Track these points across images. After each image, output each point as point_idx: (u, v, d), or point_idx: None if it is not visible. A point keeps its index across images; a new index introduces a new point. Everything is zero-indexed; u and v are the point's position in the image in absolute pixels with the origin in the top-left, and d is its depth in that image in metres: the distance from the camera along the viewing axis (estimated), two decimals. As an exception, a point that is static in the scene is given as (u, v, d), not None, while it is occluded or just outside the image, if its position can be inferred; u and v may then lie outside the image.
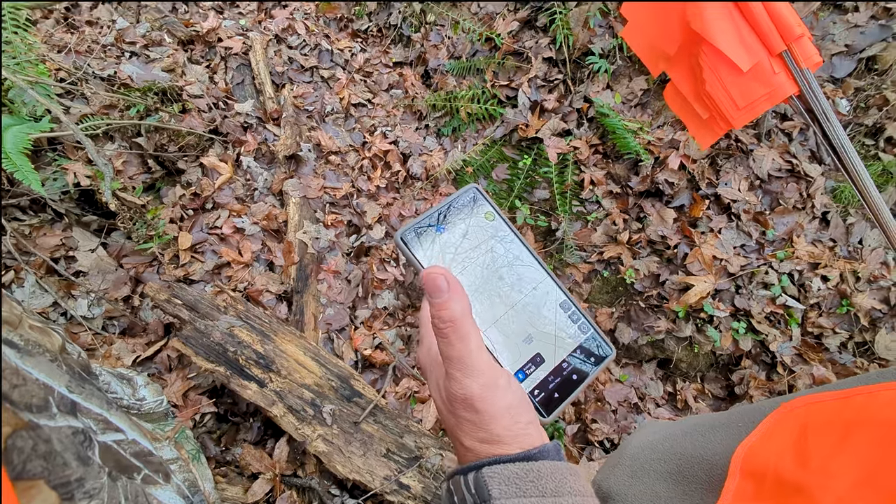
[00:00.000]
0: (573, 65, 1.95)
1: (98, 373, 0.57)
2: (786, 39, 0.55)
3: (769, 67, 0.56)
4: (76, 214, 1.56)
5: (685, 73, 0.65)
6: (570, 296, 0.43)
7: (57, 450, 0.43)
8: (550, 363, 0.40)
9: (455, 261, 0.41)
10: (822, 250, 1.72)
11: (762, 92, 0.57)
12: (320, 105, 2.12)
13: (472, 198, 0.43)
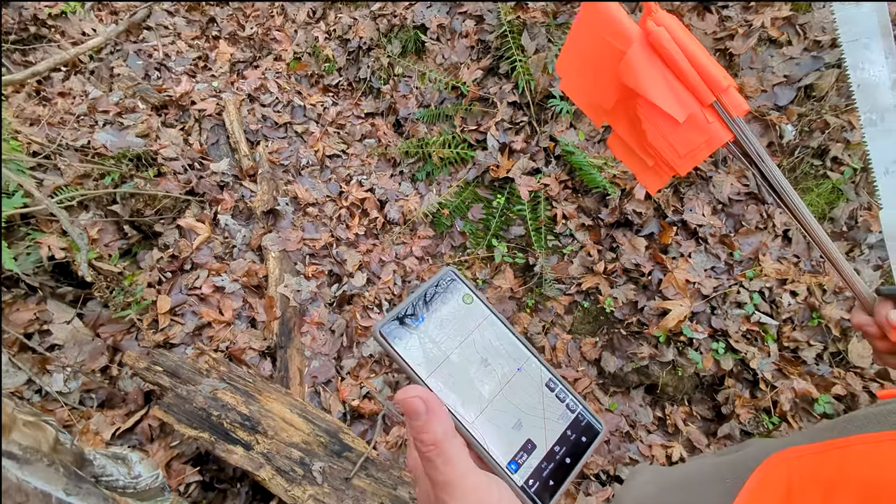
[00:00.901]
0: (536, 107, 2.05)
1: (92, 458, 0.56)
2: (714, 91, 0.58)
3: (703, 118, 0.59)
4: (50, 287, 1.54)
5: (626, 124, 0.67)
6: (554, 373, 0.42)
7: None
8: (542, 448, 0.39)
9: (437, 351, 0.40)
10: (788, 267, 1.80)
11: (700, 140, 0.60)
12: (295, 159, 2.16)
13: (448, 281, 0.42)
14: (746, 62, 1.91)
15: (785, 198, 0.60)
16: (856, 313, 0.60)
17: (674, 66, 0.60)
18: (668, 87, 0.61)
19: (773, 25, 1.90)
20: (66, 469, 0.61)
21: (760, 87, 1.89)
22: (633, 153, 0.71)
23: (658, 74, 0.61)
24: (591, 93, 0.71)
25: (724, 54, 1.94)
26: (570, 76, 0.74)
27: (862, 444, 0.37)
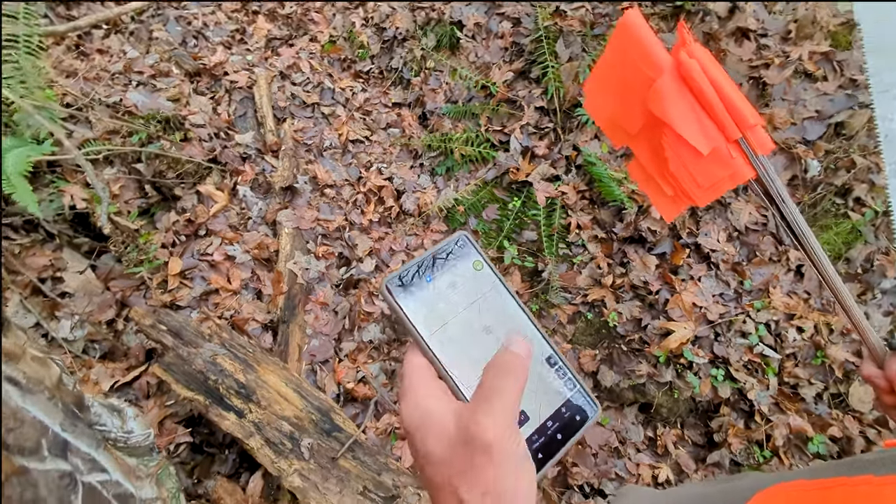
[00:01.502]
0: (563, 115, 2.05)
1: (90, 404, 0.58)
2: (741, 128, 0.58)
3: (727, 152, 0.59)
4: (68, 236, 1.57)
5: (648, 151, 0.67)
6: (556, 349, 0.42)
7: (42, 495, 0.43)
8: (535, 421, 0.39)
9: (442, 312, 0.40)
10: (797, 302, 1.78)
11: (723, 174, 0.60)
12: (319, 140, 2.19)
13: (460, 245, 0.42)
14: (779, 93, 1.90)
15: (803, 240, 0.60)
16: (866, 364, 0.60)
17: (702, 98, 0.60)
18: (695, 119, 0.60)
19: (810, 59, 1.89)
20: (65, 407, 0.63)
21: (790, 119, 1.87)
22: (653, 179, 0.71)
23: (686, 106, 0.60)
24: (616, 115, 0.71)
25: (758, 83, 1.93)
26: (596, 96, 0.73)
27: (868, 484, 0.37)
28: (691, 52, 0.60)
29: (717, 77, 0.60)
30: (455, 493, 0.33)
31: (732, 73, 1.96)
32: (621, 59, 0.66)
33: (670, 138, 0.62)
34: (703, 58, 0.60)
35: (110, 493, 0.50)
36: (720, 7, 2.01)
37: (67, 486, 0.44)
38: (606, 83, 0.72)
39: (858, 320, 0.59)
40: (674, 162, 0.63)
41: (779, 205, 0.59)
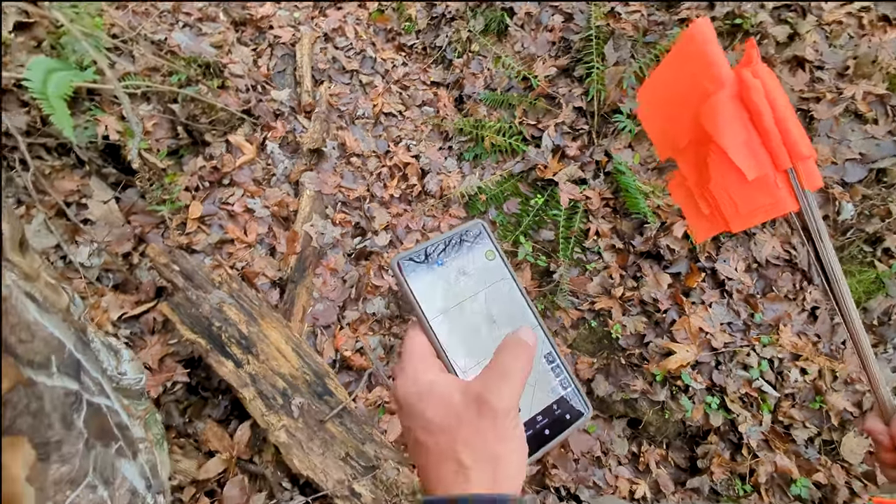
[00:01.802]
0: (600, 119, 2.02)
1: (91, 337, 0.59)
2: (792, 158, 0.56)
3: (773, 181, 0.57)
4: (98, 165, 1.60)
5: (692, 166, 0.66)
6: (556, 348, 0.42)
7: (46, 409, 0.44)
8: (525, 414, 0.39)
9: (448, 296, 0.40)
10: (806, 343, 1.75)
11: (764, 203, 0.58)
12: (353, 107, 2.18)
13: (476, 233, 0.42)
14: (825, 129, 1.84)
15: (833, 283, 0.58)
16: (871, 419, 0.59)
17: (759, 122, 0.57)
18: (747, 142, 0.58)
19: (863, 99, 1.83)
20: (75, 331, 0.64)
21: (832, 158, 1.82)
22: (692, 197, 0.69)
23: (740, 126, 0.58)
24: (667, 126, 0.69)
25: (805, 115, 1.87)
26: (651, 104, 0.71)
27: None
28: (756, 72, 0.57)
29: (779, 102, 0.57)
30: (456, 459, 0.34)
31: (781, 102, 1.90)
32: (682, 67, 0.64)
33: (717, 157, 0.60)
34: (768, 80, 0.57)
35: (112, 421, 0.51)
36: (780, 32, 1.95)
37: (72, 404, 0.45)
38: (662, 90, 0.70)
39: (874, 372, 0.58)
40: (716, 182, 0.61)
41: (816, 243, 0.58)
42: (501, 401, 0.34)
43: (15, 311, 0.52)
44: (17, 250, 0.63)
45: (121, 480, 0.48)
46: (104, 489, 0.45)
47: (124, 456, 0.52)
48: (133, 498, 0.50)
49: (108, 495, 0.45)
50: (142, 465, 0.55)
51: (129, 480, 0.50)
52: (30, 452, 0.44)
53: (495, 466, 0.34)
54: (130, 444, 0.53)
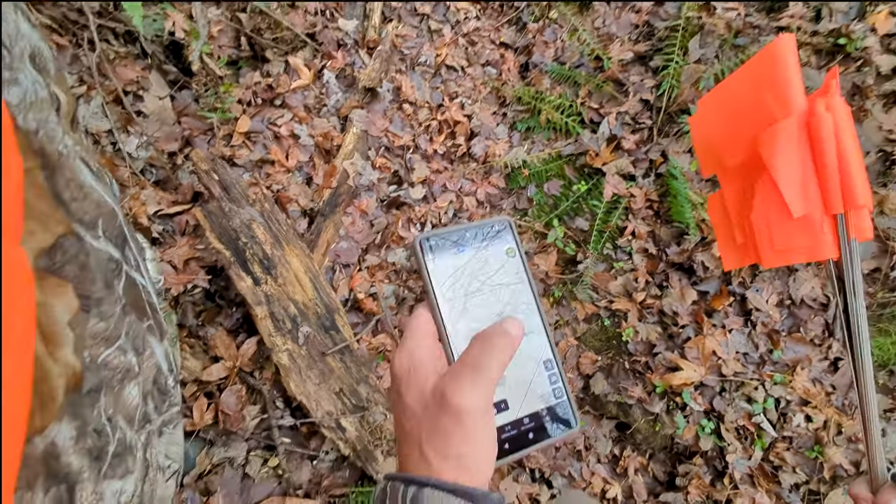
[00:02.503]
0: (666, 116, 1.92)
1: None
2: (846, 204, 0.52)
3: (819, 224, 0.54)
4: (160, 60, 1.62)
5: (736, 190, 0.62)
6: (557, 356, 0.43)
7: (91, 266, 0.46)
8: (513, 413, 0.40)
9: (462, 284, 0.41)
10: (819, 391, 1.70)
11: (803, 244, 0.55)
12: (416, 53, 2.12)
13: (501, 229, 0.43)
14: (906, 178, 1.72)
15: (855, 339, 0.54)
16: (859, 483, 0.58)
17: (820, 159, 0.53)
18: (801, 178, 0.55)
19: (958, 155, 1.68)
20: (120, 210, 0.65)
21: (904, 210, 1.70)
22: (728, 222, 0.66)
23: (798, 160, 0.55)
24: (720, 142, 0.65)
25: (887, 158, 1.74)
26: (710, 114, 0.67)
27: None
28: (831, 105, 0.53)
29: (847, 141, 0.53)
30: (420, 447, 0.34)
31: (864, 139, 1.77)
32: (754, 84, 0.60)
33: (765, 187, 0.57)
34: (841, 115, 0.53)
35: (145, 299, 0.54)
36: (885, 62, 1.78)
37: (113, 270, 0.47)
38: (726, 103, 0.66)
39: (873, 437, 0.57)
40: (758, 212, 0.58)
41: (848, 295, 0.54)
42: (466, 400, 0.33)
43: (70, 169, 0.53)
44: (69, 126, 0.64)
45: (149, 353, 0.51)
46: (133, 356, 0.47)
47: (153, 334, 0.54)
48: (158, 374, 0.53)
49: (136, 362, 0.48)
50: (166, 349, 0.58)
51: (157, 357, 0.53)
52: (73, 299, 0.47)
53: (458, 463, 0.33)
54: (159, 326, 0.56)
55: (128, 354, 0.45)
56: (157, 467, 0.50)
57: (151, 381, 0.51)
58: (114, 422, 0.42)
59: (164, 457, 0.54)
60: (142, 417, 0.48)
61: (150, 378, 0.50)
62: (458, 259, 0.41)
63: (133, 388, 0.46)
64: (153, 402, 0.51)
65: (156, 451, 0.51)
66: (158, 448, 0.53)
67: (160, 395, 0.53)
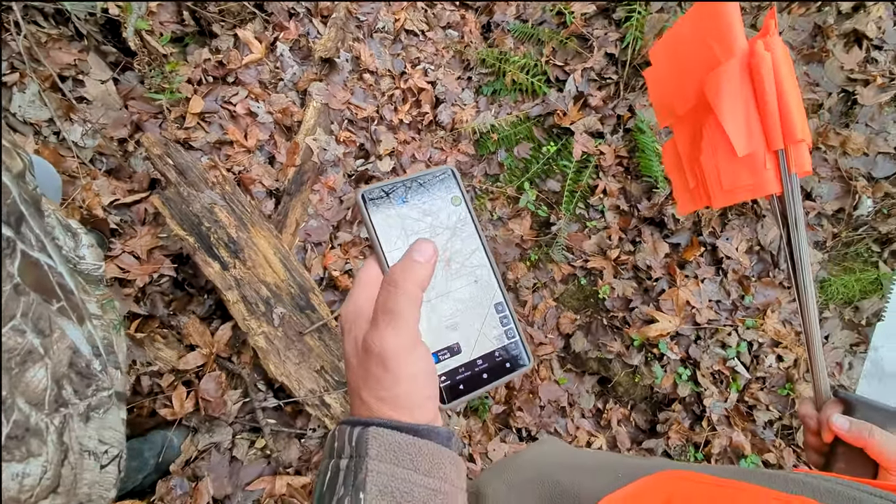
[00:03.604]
0: (631, 69, 1.90)
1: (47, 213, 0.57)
2: (786, 140, 0.55)
3: (762, 161, 0.56)
4: (97, 41, 1.52)
5: (687, 136, 0.64)
6: (507, 299, 0.44)
7: None
8: (466, 356, 0.41)
9: (407, 234, 0.41)
10: (789, 332, 1.76)
11: (748, 181, 0.57)
12: (373, 18, 2.04)
13: (443, 178, 0.43)
14: (866, 117, 1.73)
15: (799, 271, 0.58)
16: (806, 404, 0.62)
17: (761, 97, 0.56)
18: (744, 118, 0.57)
19: (916, 90, 1.70)
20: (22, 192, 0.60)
21: (864, 149, 1.73)
22: (681, 167, 0.69)
23: (741, 100, 0.57)
24: (670, 91, 0.67)
25: (848, 98, 1.75)
26: (660, 66, 0.69)
27: (752, 493, 0.38)
28: (769, 45, 0.55)
29: (785, 78, 0.55)
30: (359, 394, 0.35)
31: (826, 80, 1.78)
32: (698, 30, 0.61)
33: (712, 128, 0.59)
34: (780, 54, 0.55)
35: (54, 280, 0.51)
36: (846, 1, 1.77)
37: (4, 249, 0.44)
38: (673, 52, 0.67)
39: (816, 359, 0.60)
40: (707, 154, 0.61)
41: (791, 229, 0.57)
42: (385, 343, 0.34)
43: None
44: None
45: (59, 335, 0.49)
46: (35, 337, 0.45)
47: (67, 316, 0.52)
48: (75, 356, 0.51)
49: (40, 344, 0.46)
50: (91, 334, 0.56)
51: (71, 339, 0.51)
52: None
53: (395, 403, 0.34)
54: (75, 309, 0.53)
55: (27, 335, 0.43)
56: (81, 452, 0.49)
57: (66, 365, 0.49)
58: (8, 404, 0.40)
59: (96, 442, 0.53)
60: (54, 401, 0.46)
61: (64, 361, 0.48)
62: (402, 210, 0.41)
63: (39, 370, 0.45)
64: (71, 386, 0.49)
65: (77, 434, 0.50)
66: (86, 433, 0.51)
67: (81, 379, 0.51)
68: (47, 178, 1.11)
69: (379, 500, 0.31)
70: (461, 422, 1.65)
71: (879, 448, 0.51)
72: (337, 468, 0.33)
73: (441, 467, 0.33)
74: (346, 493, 0.31)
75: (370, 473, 0.31)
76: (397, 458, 0.32)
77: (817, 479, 0.41)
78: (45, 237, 0.51)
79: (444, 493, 0.33)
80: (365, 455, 0.32)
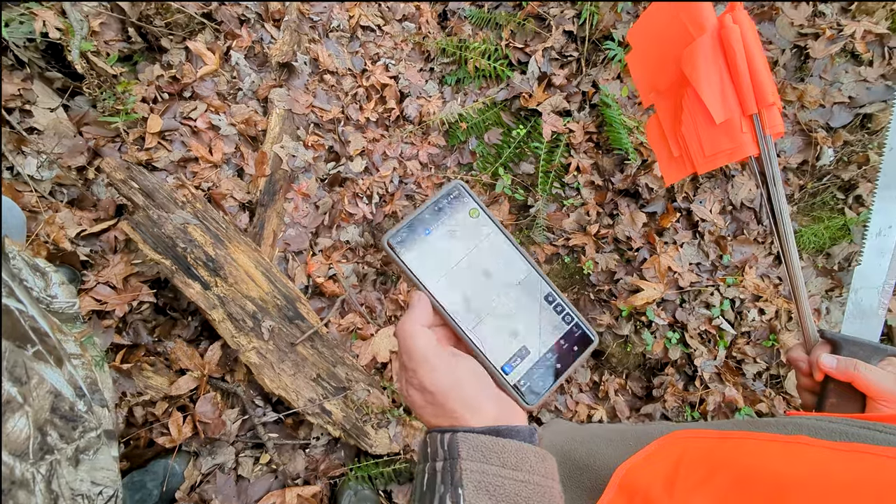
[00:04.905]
0: (591, 45, 1.91)
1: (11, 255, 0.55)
2: (759, 104, 0.60)
3: (738, 126, 0.61)
4: (40, 67, 1.45)
5: (669, 110, 0.70)
6: (553, 286, 0.45)
7: None
8: (535, 354, 0.43)
9: (441, 261, 0.42)
10: (767, 285, 1.81)
11: (727, 146, 0.62)
12: (327, 18, 2.00)
13: (456, 195, 0.43)
14: (819, 69, 1.79)
15: (780, 225, 0.63)
16: (795, 348, 0.66)
17: (733, 67, 0.61)
18: (719, 87, 0.62)
19: (862, 39, 1.76)
20: None
21: (821, 100, 1.78)
22: (664, 140, 0.74)
23: (715, 71, 0.62)
24: (651, 70, 0.72)
25: (801, 53, 1.80)
26: (640, 48, 0.74)
27: (755, 439, 0.41)
28: (737, 18, 0.61)
29: (753, 48, 0.60)
30: (428, 421, 0.41)
31: (779, 37, 1.82)
32: (670, 10, 0.66)
33: (691, 99, 0.64)
34: (746, 26, 0.60)
35: (27, 324, 0.49)
36: (789, -42, 1.82)
37: None
38: (649, 32, 0.73)
39: (802, 307, 0.66)
40: (687, 124, 0.65)
41: (770, 186, 0.62)
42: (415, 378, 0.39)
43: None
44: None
45: (38, 381, 0.47)
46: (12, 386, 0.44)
47: (44, 360, 0.50)
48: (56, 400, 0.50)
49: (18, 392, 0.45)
50: (71, 374, 0.54)
51: (51, 383, 0.49)
52: None
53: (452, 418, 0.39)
54: (51, 351, 0.51)
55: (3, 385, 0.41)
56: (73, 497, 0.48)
57: (48, 410, 0.47)
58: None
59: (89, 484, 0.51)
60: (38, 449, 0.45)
61: (46, 407, 0.47)
62: (429, 241, 0.42)
63: (19, 419, 0.43)
64: (56, 432, 0.48)
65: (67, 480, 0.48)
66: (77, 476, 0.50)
67: (66, 423, 0.50)
68: (10, 216, 1.06)
69: (475, 495, 0.35)
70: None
71: (865, 380, 0.55)
72: (434, 470, 0.37)
73: (526, 461, 0.37)
74: (446, 490, 0.35)
75: (465, 472, 0.35)
76: (485, 456, 0.36)
77: (809, 419, 0.44)
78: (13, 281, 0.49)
79: (534, 484, 0.36)
80: (458, 457, 0.36)
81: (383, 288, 1.84)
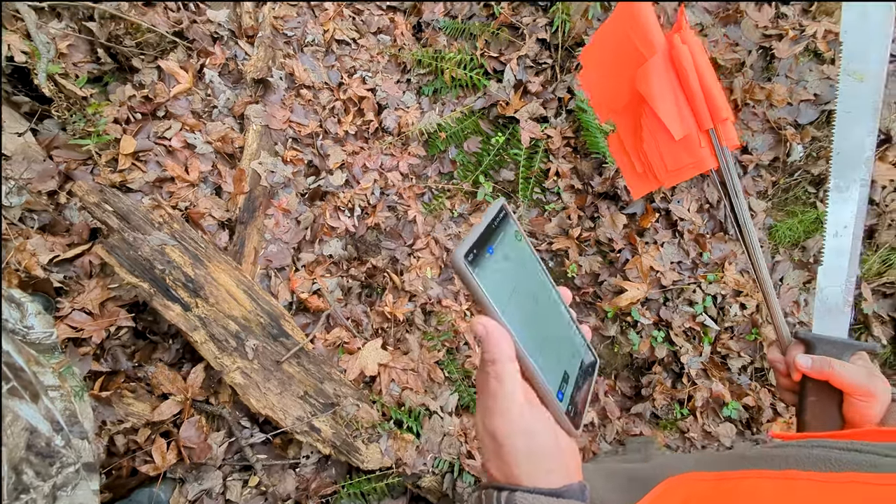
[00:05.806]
0: (565, 52, 1.94)
1: None
2: (714, 119, 0.62)
3: (697, 141, 0.63)
4: (6, 92, 1.42)
5: (628, 128, 0.71)
6: (570, 310, 0.44)
7: None
8: (572, 379, 0.42)
9: (505, 286, 0.39)
10: (747, 280, 1.85)
11: (688, 161, 0.65)
12: (301, 32, 2.00)
13: (504, 215, 0.40)
14: (784, 69, 1.84)
15: (745, 233, 0.66)
16: (772, 350, 0.68)
17: (686, 85, 0.63)
18: (675, 105, 0.64)
19: (823, 38, 1.82)
20: None
21: (788, 98, 1.83)
22: (627, 155, 0.75)
23: (669, 89, 0.64)
24: (606, 89, 0.74)
25: (767, 54, 1.86)
26: (592, 68, 0.75)
27: (750, 478, 0.42)
28: (685, 38, 0.63)
29: (703, 67, 0.63)
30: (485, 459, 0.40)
31: (744, 39, 1.87)
32: (620, 32, 0.68)
33: (649, 118, 0.66)
34: (695, 45, 0.63)
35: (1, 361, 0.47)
36: (750, -38, 1.88)
37: None
38: (602, 53, 0.74)
39: (774, 309, 0.67)
40: (648, 142, 0.67)
41: (731, 197, 0.65)
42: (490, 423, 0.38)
43: None
44: None
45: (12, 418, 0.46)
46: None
47: (18, 396, 0.49)
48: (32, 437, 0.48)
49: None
50: (48, 409, 0.52)
51: (26, 420, 0.48)
52: None
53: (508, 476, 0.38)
54: (27, 386, 0.50)
55: None
56: None
57: (23, 448, 0.46)
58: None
59: None
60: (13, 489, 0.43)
61: (21, 445, 0.45)
62: (492, 261, 0.38)
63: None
64: (32, 469, 0.46)
65: None
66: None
67: (42, 460, 0.48)
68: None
69: None
70: (454, 421, 1.65)
71: (840, 378, 0.57)
72: None
73: None
74: None
75: None
76: None
77: (793, 447, 0.46)
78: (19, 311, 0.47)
79: None
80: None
81: (369, 301, 1.83)
